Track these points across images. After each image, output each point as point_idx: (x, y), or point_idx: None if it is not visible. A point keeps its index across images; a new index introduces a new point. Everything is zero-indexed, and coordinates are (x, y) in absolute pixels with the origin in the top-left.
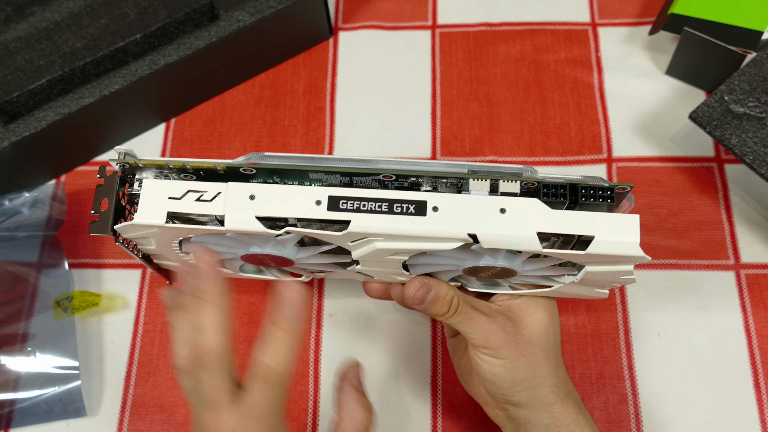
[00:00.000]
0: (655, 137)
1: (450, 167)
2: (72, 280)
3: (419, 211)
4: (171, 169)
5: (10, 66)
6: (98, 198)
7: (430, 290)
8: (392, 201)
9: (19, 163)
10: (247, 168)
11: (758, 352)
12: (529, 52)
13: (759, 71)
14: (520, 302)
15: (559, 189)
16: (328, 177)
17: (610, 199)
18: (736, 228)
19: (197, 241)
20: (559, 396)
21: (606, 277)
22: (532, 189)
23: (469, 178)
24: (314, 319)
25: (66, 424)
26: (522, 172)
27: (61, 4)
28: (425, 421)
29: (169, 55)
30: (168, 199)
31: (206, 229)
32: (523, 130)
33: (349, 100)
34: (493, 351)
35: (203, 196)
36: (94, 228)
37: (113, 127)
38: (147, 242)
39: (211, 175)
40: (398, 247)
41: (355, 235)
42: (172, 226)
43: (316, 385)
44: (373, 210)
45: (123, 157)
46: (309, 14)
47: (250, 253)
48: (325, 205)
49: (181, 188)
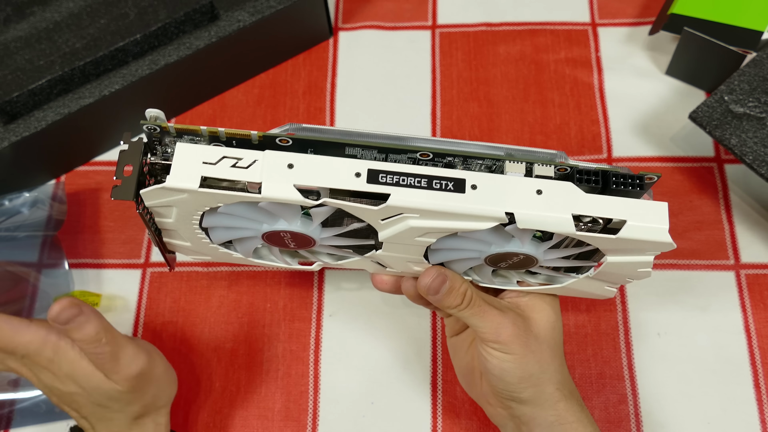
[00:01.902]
0: (655, 137)
1: (487, 149)
2: (72, 280)
3: (458, 188)
4: (203, 137)
5: (10, 66)
6: (121, 163)
7: (446, 281)
8: (431, 177)
9: (19, 163)
10: (284, 138)
11: (758, 352)
12: (529, 52)
13: (759, 71)
14: (528, 300)
15: (592, 175)
16: (363, 152)
17: (640, 187)
18: (736, 228)
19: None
20: (564, 393)
21: (624, 269)
22: (565, 174)
23: (505, 160)
24: (314, 319)
25: (66, 424)
26: (556, 157)
27: (61, 4)
28: (425, 421)
29: (169, 55)
30: (202, 164)
31: (240, 195)
32: (523, 130)
33: (349, 100)
34: (503, 346)
35: (239, 162)
36: (116, 192)
37: (113, 127)
38: (168, 213)
39: (244, 144)
40: (432, 225)
41: (392, 210)
42: (206, 191)
43: (316, 385)
44: (412, 185)
45: (154, 120)
46: (309, 14)
47: (275, 230)
48: (365, 178)
49: (217, 153)
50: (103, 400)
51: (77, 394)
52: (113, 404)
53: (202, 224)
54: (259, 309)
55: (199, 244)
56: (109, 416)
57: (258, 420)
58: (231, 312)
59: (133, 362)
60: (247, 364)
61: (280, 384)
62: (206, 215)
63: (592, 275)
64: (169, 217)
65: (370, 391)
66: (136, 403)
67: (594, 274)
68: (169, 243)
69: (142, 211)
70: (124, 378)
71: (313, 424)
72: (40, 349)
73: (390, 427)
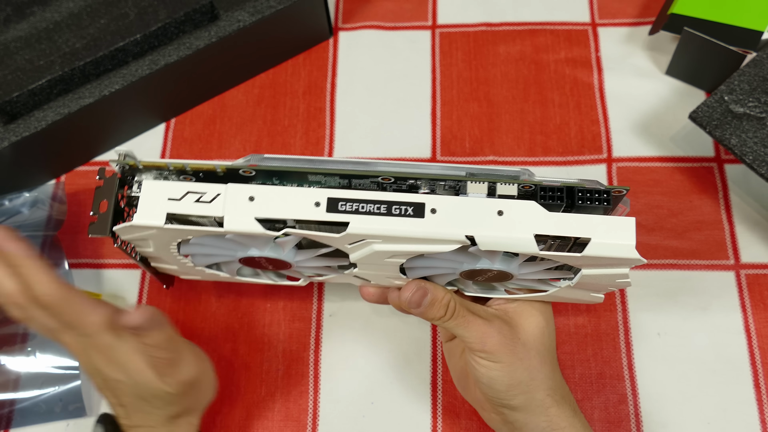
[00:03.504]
0: (655, 137)
1: (448, 170)
2: (72, 280)
3: (417, 213)
4: (171, 171)
5: (10, 66)
6: (97, 199)
7: (426, 294)
8: (390, 203)
9: (19, 163)
10: (246, 170)
11: (758, 352)
12: (529, 52)
13: (759, 71)
14: (516, 306)
15: (556, 192)
16: (327, 179)
17: (606, 202)
18: (736, 228)
19: (196, 243)
20: (555, 399)
21: (602, 280)
22: (530, 192)
23: (467, 180)
24: (314, 319)
25: (66, 424)
26: (519, 174)
27: (61, 4)
28: (425, 421)
29: (169, 55)
30: (167, 200)
31: (205, 230)
32: (523, 130)
33: (349, 100)
34: (490, 355)
35: (203, 197)
36: (92, 229)
37: (113, 127)
38: (145, 244)
39: (211, 176)
40: (396, 249)
41: (354, 237)
42: (172, 227)
43: (316, 385)
44: (371, 212)
45: (123, 158)
46: (309, 14)
47: (249, 256)
48: (324, 207)
49: (181, 189)
50: (148, 395)
51: (123, 383)
52: (156, 401)
53: (180, 252)
54: (259, 309)
55: (185, 267)
56: (148, 410)
57: (258, 420)
58: (231, 312)
59: (186, 369)
60: (247, 364)
61: (280, 384)
62: (181, 245)
63: (573, 285)
64: (149, 247)
65: (370, 391)
66: (178, 404)
67: (574, 284)
68: (158, 267)
69: (120, 244)
70: (176, 382)
71: (313, 424)
72: (102, 332)
73: (390, 427)
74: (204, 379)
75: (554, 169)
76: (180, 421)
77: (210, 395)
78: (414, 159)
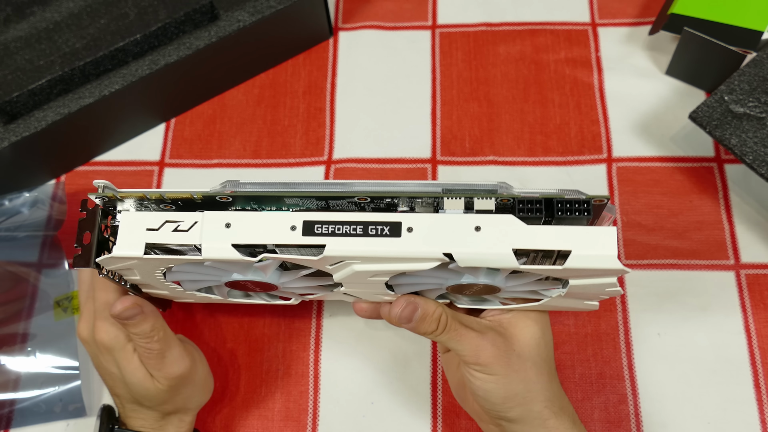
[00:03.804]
0: (655, 137)
1: (424, 186)
2: (72, 280)
3: (393, 233)
4: (150, 200)
5: (10, 66)
6: (81, 231)
7: (417, 308)
8: (367, 223)
9: (19, 163)
10: (223, 196)
11: (758, 352)
12: (529, 52)
13: (759, 71)
14: (510, 317)
15: (534, 204)
16: (304, 202)
17: (587, 212)
18: (736, 228)
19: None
20: (553, 411)
21: (591, 289)
22: (508, 205)
23: (443, 196)
24: (314, 320)
25: (66, 424)
26: (497, 188)
27: (61, 4)
28: (425, 421)
29: (169, 55)
30: (146, 231)
31: (184, 258)
32: (523, 130)
33: (349, 100)
34: (484, 367)
35: (180, 225)
36: (76, 261)
37: (113, 127)
38: (131, 273)
39: (190, 204)
40: (376, 268)
41: (332, 259)
42: (151, 257)
43: (316, 385)
44: (347, 233)
45: (102, 190)
46: (309, 14)
47: (233, 280)
48: (300, 230)
49: (159, 219)
50: (139, 396)
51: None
52: (147, 402)
53: (167, 279)
54: (259, 309)
55: (176, 292)
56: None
57: (258, 420)
58: (231, 312)
59: (176, 363)
60: (247, 364)
61: (280, 384)
62: (167, 272)
63: (564, 295)
64: (135, 275)
65: (370, 391)
66: (169, 402)
67: (565, 294)
68: (149, 293)
69: (107, 274)
70: (165, 377)
71: (313, 424)
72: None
73: (390, 427)
74: (197, 376)
75: (554, 169)
76: (172, 419)
77: (205, 395)
78: (414, 159)
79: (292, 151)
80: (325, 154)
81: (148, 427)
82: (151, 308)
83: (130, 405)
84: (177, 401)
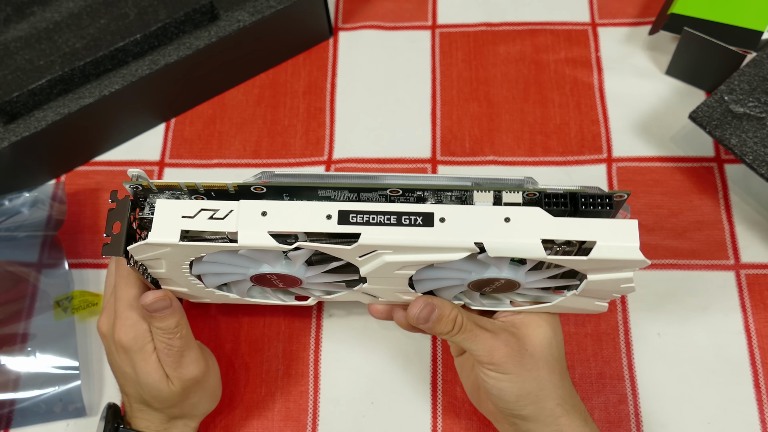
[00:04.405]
0: (655, 137)
1: (454, 180)
2: (72, 280)
3: (427, 222)
4: (182, 191)
5: (10, 66)
6: (110, 221)
7: (434, 309)
8: (400, 213)
9: (19, 163)
10: (257, 187)
11: (758, 352)
12: (529, 52)
13: (759, 71)
14: (522, 317)
15: (560, 198)
16: (336, 193)
17: (609, 206)
18: (736, 228)
19: (209, 261)
20: (565, 409)
21: (606, 286)
22: (534, 199)
23: (473, 190)
24: (314, 320)
25: (66, 424)
26: (524, 183)
27: (61, 4)
28: (425, 421)
29: (169, 55)
30: (181, 218)
31: (220, 246)
32: (523, 130)
33: (349, 100)
34: (498, 366)
35: (216, 213)
36: (106, 250)
37: (113, 127)
38: (158, 265)
39: (222, 195)
40: (407, 259)
41: (365, 248)
42: (186, 244)
43: (316, 385)
44: (382, 222)
45: (136, 179)
46: (309, 14)
47: (260, 273)
48: (336, 219)
49: (194, 207)
50: (150, 397)
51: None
52: (156, 403)
53: (192, 272)
54: (259, 309)
55: (196, 289)
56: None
57: (258, 420)
58: (231, 312)
59: (193, 365)
60: (247, 364)
61: (280, 384)
62: (194, 263)
63: (578, 293)
64: (161, 268)
65: (370, 391)
66: (178, 406)
67: (579, 292)
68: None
69: (134, 265)
70: (180, 377)
71: (313, 424)
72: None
73: (390, 427)
74: (209, 383)
75: (554, 169)
76: (177, 423)
77: (213, 403)
78: (414, 159)
79: (292, 151)
80: (325, 154)
81: (152, 429)
82: (178, 304)
83: (137, 405)
84: (185, 405)
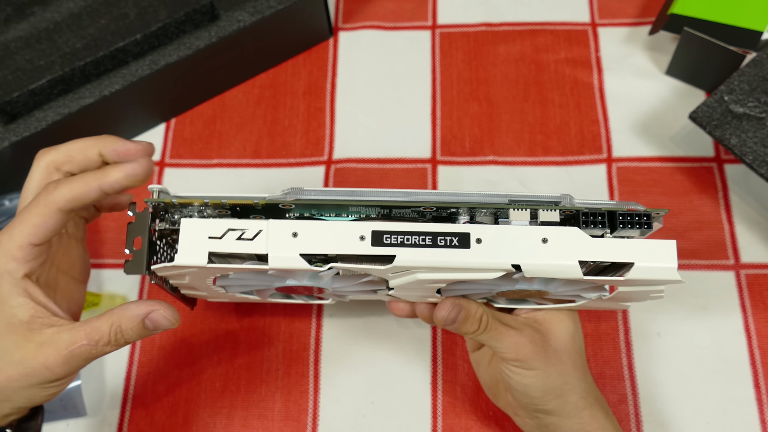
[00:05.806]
0: (655, 137)
1: (489, 197)
2: None
3: (463, 244)
4: (207, 206)
5: (10, 66)
6: (131, 236)
7: (461, 311)
8: (435, 234)
9: (19, 163)
10: (286, 203)
11: (758, 352)
12: (529, 52)
13: (759, 71)
14: (544, 313)
15: (597, 216)
16: (366, 210)
17: (648, 225)
18: (736, 228)
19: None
20: (588, 402)
21: (635, 296)
22: (570, 215)
23: (509, 208)
24: (314, 320)
25: (66, 424)
26: (560, 200)
27: (61, 4)
28: (425, 421)
29: (169, 55)
30: (208, 239)
31: (249, 267)
32: (523, 130)
33: (349, 100)
34: (524, 363)
35: (244, 234)
36: (129, 268)
37: (113, 128)
38: (181, 278)
39: (247, 210)
40: (440, 277)
41: (399, 269)
42: (214, 266)
43: (316, 385)
44: (417, 244)
45: (157, 195)
46: (309, 14)
47: (287, 285)
48: (369, 240)
49: (221, 227)
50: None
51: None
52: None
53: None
54: (259, 309)
55: (217, 294)
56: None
57: (258, 420)
58: (231, 311)
59: None
60: (247, 364)
61: (280, 384)
62: (219, 278)
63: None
64: (184, 279)
65: (370, 391)
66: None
67: (607, 299)
68: (187, 293)
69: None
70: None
71: (313, 424)
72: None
73: (390, 427)
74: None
75: (554, 169)
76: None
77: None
78: (414, 159)
79: (292, 151)
80: (325, 154)
81: None
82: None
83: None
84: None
